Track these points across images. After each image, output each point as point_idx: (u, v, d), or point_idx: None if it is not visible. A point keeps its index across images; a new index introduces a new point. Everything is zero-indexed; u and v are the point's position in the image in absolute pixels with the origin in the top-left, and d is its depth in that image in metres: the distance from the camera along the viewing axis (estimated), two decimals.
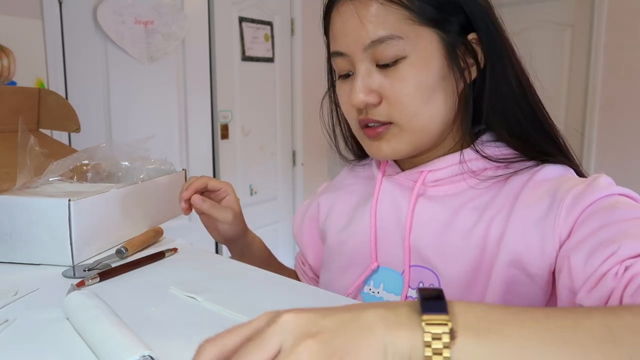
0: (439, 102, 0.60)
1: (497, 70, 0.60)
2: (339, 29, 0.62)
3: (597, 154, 2.71)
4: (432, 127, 0.61)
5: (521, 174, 0.61)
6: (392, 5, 0.58)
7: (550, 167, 0.61)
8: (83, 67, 1.95)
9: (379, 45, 0.58)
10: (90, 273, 0.65)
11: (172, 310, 0.54)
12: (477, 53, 0.61)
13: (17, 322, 0.51)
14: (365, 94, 0.60)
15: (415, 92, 0.59)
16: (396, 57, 0.58)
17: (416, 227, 0.65)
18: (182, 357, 0.44)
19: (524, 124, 0.62)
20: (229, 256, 0.80)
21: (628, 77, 2.58)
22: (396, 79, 0.59)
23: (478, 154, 0.62)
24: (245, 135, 2.52)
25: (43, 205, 0.68)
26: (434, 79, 0.59)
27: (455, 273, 0.61)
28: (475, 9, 0.59)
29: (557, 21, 2.82)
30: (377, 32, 0.58)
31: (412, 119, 0.60)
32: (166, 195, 0.91)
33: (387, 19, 0.58)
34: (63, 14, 1.88)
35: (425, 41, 0.58)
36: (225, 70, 2.38)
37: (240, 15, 2.43)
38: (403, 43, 0.58)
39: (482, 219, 0.61)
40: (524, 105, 0.62)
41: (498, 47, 0.60)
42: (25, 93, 0.97)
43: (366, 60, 0.60)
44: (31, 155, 0.78)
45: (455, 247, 0.61)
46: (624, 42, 2.58)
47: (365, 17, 0.58)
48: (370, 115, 0.61)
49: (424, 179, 0.66)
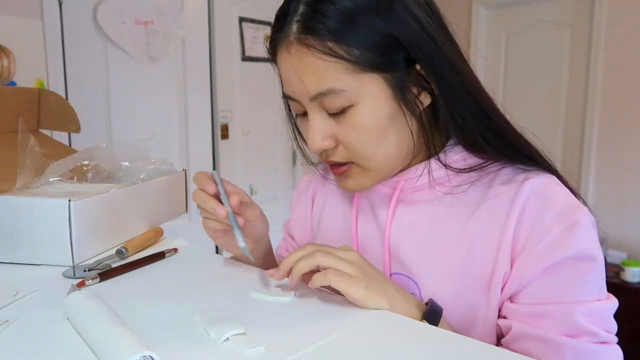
0: (392, 139, 0.60)
1: (449, 96, 0.59)
2: (284, 76, 0.61)
3: (597, 154, 2.71)
4: (391, 162, 0.62)
5: (506, 184, 0.61)
6: (330, 58, 0.55)
7: (535, 180, 0.59)
8: (83, 67, 1.95)
9: (324, 97, 0.57)
10: (90, 273, 0.65)
11: (172, 310, 0.54)
12: (427, 80, 0.59)
13: (17, 323, 0.51)
14: (321, 141, 0.60)
15: (367, 137, 0.59)
16: (343, 107, 0.58)
17: (396, 234, 0.66)
18: (182, 357, 0.44)
19: (486, 136, 0.62)
20: (230, 256, 0.79)
21: (628, 77, 2.58)
22: (347, 126, 0.59)
23: (442, 165, 0.63)
24: (245, 135, 2.52)
25: (43, 205, 0.68)
26: (385, 121, 0.58)
27: (436, 285, 0.62)
28: (414, 43, 0.56)
29: (557, 21, 2.82)
30: (317, 87, 0.57)
31: (369, 160, 0.61)
32: (166, 195, 0.91)
33: (326, 73, 0.56)
34: (63, 14, 1.88)
35: (369, 87, 0.57)
36: (225, 70, 2.38)
37: (240, 15, 2.43)
38: (347, 93, 0.57)
39: (467, 230, 0.61)
40: (482, 117, 0.61)
41: (444, 71, 0.58)
42: (25, 93, 0.97)
43: (316, 107, 0.59)
44: (31, 156, 0.78)
45: (438, 258, 0.62)
46: (624, 42, 2.58)
47: (302, 73, 0.57)
48: (330, 157, 0.63)
49: (401, 186, 0.67)
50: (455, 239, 0.62)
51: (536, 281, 0.57)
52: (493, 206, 0.61)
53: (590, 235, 0.57)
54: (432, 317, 0.55)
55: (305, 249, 0.57)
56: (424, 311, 0.57)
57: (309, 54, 0.56)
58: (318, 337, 0.47)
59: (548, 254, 0.56)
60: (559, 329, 0.55)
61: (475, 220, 0.61)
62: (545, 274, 0.56)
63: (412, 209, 0.66)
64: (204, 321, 0.50)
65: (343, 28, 0.54)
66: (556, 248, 0.56)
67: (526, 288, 0.57)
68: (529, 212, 0.58)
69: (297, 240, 0.84)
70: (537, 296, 0.57)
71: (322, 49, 0.55)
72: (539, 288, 0.57)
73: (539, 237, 0.56)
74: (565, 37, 2.80)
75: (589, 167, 2.72)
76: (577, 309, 0.55)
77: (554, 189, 0.59)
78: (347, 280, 0.53)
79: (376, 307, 0.54)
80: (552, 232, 0.56)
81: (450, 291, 0.61)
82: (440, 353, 0.46)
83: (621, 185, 2.64)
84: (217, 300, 0.57)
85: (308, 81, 0.57)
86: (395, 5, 0.56)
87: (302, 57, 0.56)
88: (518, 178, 0.61)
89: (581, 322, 0.55)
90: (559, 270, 0.56)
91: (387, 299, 0.54)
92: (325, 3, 0.55)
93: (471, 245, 0.61)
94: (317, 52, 0.55)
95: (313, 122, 0.60)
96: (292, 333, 0.49)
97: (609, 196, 2.69)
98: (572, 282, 0.56)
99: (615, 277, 2.46)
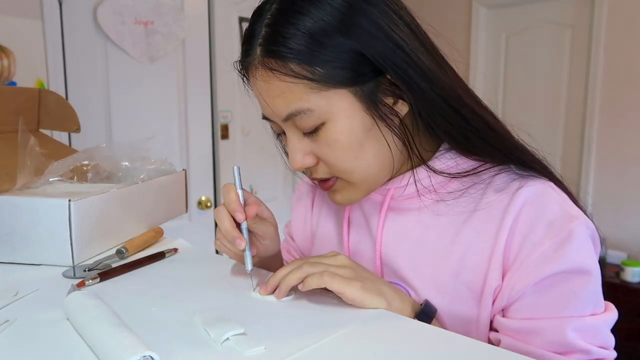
0: (371, 152, 0.59)
1: (424, 102, 0.57)
2: (257, 98, 0.61)
3: (597, 154, 2.71)
4: (372, 174, 0.61)
5: (500, 193, 0.59)
6: (293, 80, 0.54)
7: (528, 189, 0.58)
8: (83, 67, 1.95)
9: (295, 118, 0.57)
10: (90, 273, 0.65)
11: (172, 310, 0.54)
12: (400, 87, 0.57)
13: (17, 323, 0.51)
14: (301, 159, 0.60)
15: (343, 152, 0.58)
16: (315, 126, 0.57)
17: (387, 242, 0.65)
18: (182, 357, 0.44)
19: (469, 136, 0.60)
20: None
21: (628, 77, 2.58)
22: (322, 144, 0.58)
23: (431, 171, 0.61)
24: (245, 136, 2.52)
25: (43, 205, 0.68)
26: (359, 134, 0.57)
27: (430, 294, 0.60)
28: (378, 54, 0.54)
29: (557, 21, 2.82)
30: (286, 109, 0.57)
31: (351, 174, 0.60)
32: (166, 195, 0.91)
33: (292, 95, 0.55)
34: (63, 14, 1.88)
35: (338, 103, 0.56)
36: (225, 70, 2.38)
37: (240, 15, 2.43)
38: (316, 113, 0.56)
39: (459, 240, 0.60)
40: (462, 122, 0.59)
41: (413, 78, 0.56)
42: (26, 93, 0.97)
43: (291, 127, 0.59)
44: (31, 156, 0.78)
45: (429, 267, 0.61)
46: (624, 42, 2.58)
47: (269, 97, 0.57)
48: (314, 175, 0.63)
49: (391, 194, 0.66)
50: (446, 248, 0.60)
51: (526, 296, 0.56)
52: (485, 215, 0.59)
53: (585, 247, 0.55)
54: (424, 319, 0.55)
55: (293, 264, 0.57)
56: (416, 311, 0.57)
57: (274, 77, 0.55)
58: (318, 337, 0.47)
59: (538, 268, 0.54)
60: (548, 345, 0.54)
61: (467, 230, 0.60)
62: (536, 289, 0.55)
63: (403, 217, 0.65)
64: (204, 321, 0.50)
65: (305, 49, 0.53)
66: (546, 262, 0.54)
67: (516, 302, 0.56)
68: (521, 222, 0.56)
69: (298, 243, 0.84)
70: (527, 311, 0.56)
71: (284, 72, 0.54)
72: (529, 303, 0.56)
73: (529, 250, 0.55)
74: (565, 37, 2.80)
75: (589, 167, 2.72)
76: (568, 325, 0.54)
77: (549, 197, 0.58)
78: (342, 281, 0.53)
79: (374, 307, 0.54)
80: (543, 245, 0.54)
81: (443, 301, 0.59)
82: (440, 353, 0.45)
83: (621, 185, 2.64)
84: (217, 300, 0.57)
85: (276, 104, 0.57)
86: (357, 19, 0.54)
87: (267, 81, 0.56)
88: (512, 186, 0.59)
89: (571, 338, 0.53)
90: (549, 285, 0.55)
91: (384, 298, 0.54)
92: (285, 25, 0.54)
93: (462, 255, 0.59)
94: (280, 75, 0.55)
95: (290, 142, 0.60)
96: (292, 333, 0.49)
97: (609, 196, 2.68)
98: (564, 297, 0.55)
99: (615, 277, 2.46)
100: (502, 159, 0.61)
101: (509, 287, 0.56)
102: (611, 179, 2.68)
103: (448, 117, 0.58)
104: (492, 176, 0.61)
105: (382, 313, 0.53)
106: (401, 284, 0.63)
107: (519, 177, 0.60)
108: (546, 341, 0.54)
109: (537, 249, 0.55)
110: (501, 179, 0.61)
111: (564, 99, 2.80)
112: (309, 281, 0.54)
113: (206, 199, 2.31)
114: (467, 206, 0.61)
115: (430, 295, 0.60)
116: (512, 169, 0.61)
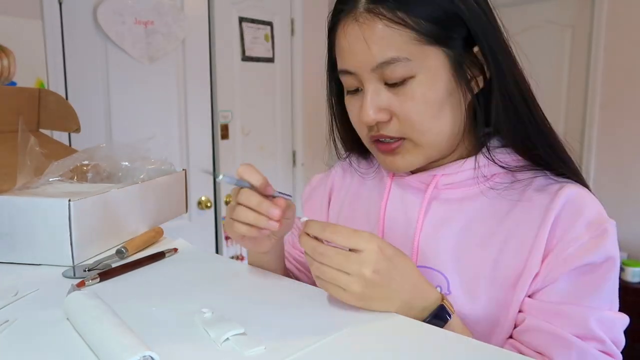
0: (447, 116, 0.61)
1: (502, 80, 0.61)
2: (345, 48, 0.62)
3: (597, 154, 2.71)
4: (442, 140, 0.63)
5: (540, 193, 0.62)
6: (398, 27, 0.57)
7: (569, 190, 0.61)
8: (83, 67, 1.95)
9: (387, 67, 0.59)
10: (90, 273, 0.65)
11: (172, 310, 0.54)
12: (483, 64, 0.61)
13: (17, 323, 0.51)
14: (375, 113, 0.61)
15: (425, 109, 0.60)
16: (404, 77, 0.59)
17: (428, 228, 0.66)
18: (182, 357, 0.44)
19: (529, 131, 0.63)
20: (230, 257, 0.79)
21: (628, 77, 2.58)
22: (405, 98, 0.60)
23: (491, 160, 0.64)
24: (245, 136, 2.52)
25: (43, 205, 0.68)
26: (442, 95, 0.60)
27: (466, 279, 0.62)
28: (476, 24, 0.59)
29: (557, 21, 2.82)
30: (384, 55, 0.58)
31: (423, 134, 0.62)
32: (166, 195, 0.91)
33: (394, 40, 0.58)
34: (63, 14, 1.87)
35: (431, 59, 0.59)
36: (225, 70, 2.38)
37: (240, 15, 2.43)
38: (411, 64, 0.58)
39: (500, 231, 0.63)
40: (527, 113, 0.63)
41: (500, 59, 0.61)
42: (26, 93, 0.97)
43: (374, 79, 0.60)
44: (31, 156, 0.78)
45: (470, 254, 0.63)
46: (624, 42, 2.58)
47: (371, 39, 0.58)
48: (382, 132, 0.63)
49: (437, 182, 0.67)
50: (487, 239, 0.63)
51: (559, 281, 0.59)
52: (526, 211, 0.62)
53: (615, 244, 0.60)
54: (435, 323, 0.55)
55: (313, 251, 0.54)
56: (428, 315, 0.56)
57: (379, 22, 0.58)
58: (318, 337, 0.47)
59: (576, 258, 0.58)
60: (571, 328, 0.57)
61: (508, 223, 0.62)
62: (570, 276, 0.58)
63: (446, 206, 0.67)
64: (204, 321, 0.50)
65: (412, 0, 0.57)
66: (584, 253, 0.58)
67: (548, 287, 0.59)
68: (563, 218, 0.60)
69: None
70: (557, 295, 0.59)
71: (392, 17, 0.57)
72: (561, 288, 0.59)
73: (568, 243, 0.59)
74: (565, 37, 2.80)
75: (589, 167, 2.71)
76: (592, 314, 0.57)
77: (588, 199, 0.62)
78: (340, 293, 0.53)
79: None
80: (582, 238, 0.58)
81: (478, 289, 0.62)
82: (444, 353, 0.46)
83: (621, 185, 2.64)
84: (217, 300, 0.57)
85: (375, 48, 0.58)
86: None
87: (371, 25, 0.58)
88: (552, 187, 0.62)
89: (593, 326, 0.56)
90: (582, 274, 0.58)
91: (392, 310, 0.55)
92: None
93: (503, 246, 0.62)
94: (386, 20, 0.57)
95: (369, 94, 0.61)
96: (292, 333, 0.49)
97: (609, 196, 2.68)
98: (592, 287, 0.58)
99: None
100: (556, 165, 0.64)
101: (544, 273, 0.59)
102: (611, 179, 2.68)
103: (519, 105, 0.62)
104: (530, 178, 0.64)
105: (383, 313, 0.53)
106: (437, 269, 0.64)
107: (556, 182, 0.63)
108: (570, 324, 0.57)
109: (577, 242, 0.58)
110: (539, 181, 0.64)
111: (564, 99, 2.80)
112: (315, 278, 0.55)
113: (206, 199, 2.31)
114: (508, 201, 0.64)
115: (465, 281, 0.62)
116: (547, 175, 0.64)
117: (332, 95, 0.72)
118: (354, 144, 0.77)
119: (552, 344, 0.57)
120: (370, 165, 0.79)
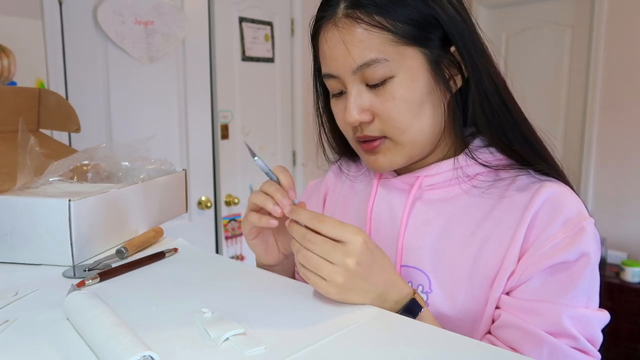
0: (427, 114, 0.63)
1: (478, 78, 0.63)
2: (327, 53, 0.64)
3: (597, 154, 2.71)
4: (423, 139, 0.65)
5: (521, 192, 0.64)
6: (376, 30, 0.60)
7: (549, 189, 0.62)
8: (83, 67, 1.95)
9: (367, 68, 0.61)
10: (90, 273, 0.65)
11: (172, 310, 0.54)
12: (460, 63, 0.63)
13: (17, 323, 0.51)
14: (359, 113, 0.63)
15: (405, 108, 0.62)
16: (384, 78, 0.61)
17: (411, 229, 0.68)
18: (182, 357, 0.44)
19: (505, 126, 0.65)
20: (230, 257, 0.79)
21: (628, 77, 2.58)
22: (386, 98, 0.62)
23: (472, 160, 0.66)
24: (246, 135, 2.52)
25: (43, 205, 0.68)
26: (421, 94, 0.62)
27: (446, 278, 0.64)
28: (451, 24, 0.61)
29: (557, 21, 2.82)
30: (364, 57, 0.60)
31: (404, 133, 0.63)
32: (166, 195, 0.91)
33: (372, 43, 0.60)
34: (63, 14, 1.87)
35: (410, 60, 0.61)
36: (225, 70, 2.38)
37: (240, 15, 2.43)
38: (390, 64, 0.60)
39: (480, 230, 0.64)
40: (503, 109, 0.65)
41: (476, 57, 0.63)
42: (26, 93, 0.97)
43: (356, 81, 0.62)
44: (31, 156, 0.78)
45: (451, 254, 0.65)
46: (624, 42, 2.58)
47: (351, 43, 0.61)
48: (365, 132, 0.65)
49: (420, 183, 0.69)
50: (468, 239, 0.64)
51: (533, 279, 0.60)
52: (507, 210, 0.63)
53: (592, 241, 0.60)
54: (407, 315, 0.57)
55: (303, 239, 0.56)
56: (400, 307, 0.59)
57: (357, 26, 0.60)
58: (318, 337, 0.47)
59: (550, 256, 0.59)
60: (543, 325, 0.58)
61: (489, 222, 0.64)
62: (544, 274, 0.60)
63: (428, 207, 0.68)
64: (203, 321, 0.50)
65: (389, 4, 0.60)
66: (558, 251, 0.59)
67: (523, 284, 0.61)
68: (540, 217, 0.61)
69: None
70: (532, 293, 0.60)
71: (369, 21, 0.60)
72: (535, 286, 0.60)
73: (544, 241, 0.60)
74: (565, 37, 2.80)
75: (589, 167, 2.72)
76: (565, 312, 0.58)
77: (567, 197, 0.62)
78: (320, 284, 0.55)
79: None
80: (557, 237, 0.59)
81: (458, 287, 0.63)
82: (439, 352, 0.46)
83: (621, 185, 2.64)
84: (217, 300, 0.57)
85: (354, 51, 0.60)
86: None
87: (350, 30, 0.61)
88: (533, 186, 0.63)
89: (566, 324, 0.57)
90: (556, 272, 0.59)
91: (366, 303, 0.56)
92: None
93: (482, 245, 0.63)
94: (364, 24, 0.60)
95: (351, 96, 0.63)
96: (292, 333, 0.49)
97: (609, 196, 2.69)
98: (566, 284, 0.59)
99: (615, 277, 2.46)
100: (535, 162, 0.65)
101: (520, 271, 0.60)
102: (611, 179, 2.68)
103: (497, 104, 0.64)
104: (512, 177, 0.65)
105: (382, 313, 0.53)
106: (419, 268, 0.66)
107: (538, 181, 0.64)
108: (543, 321, 0.58)
109: (552, 240, 0.59)
110: (522, 180, 0.65)
111: (564, 99, 2.80)
112: (298, 267, 0.57)
113: (206, 199, 2.31)
114: (489, 200, 0.65)
115: (446, 279, 0.64)
116: (531, 173, 0.65)
117: (319, 100, 0.74)
118: (344, 148, 0.79)
119: (524, 339, 0.58)
120: (360, 168, 0.81)
